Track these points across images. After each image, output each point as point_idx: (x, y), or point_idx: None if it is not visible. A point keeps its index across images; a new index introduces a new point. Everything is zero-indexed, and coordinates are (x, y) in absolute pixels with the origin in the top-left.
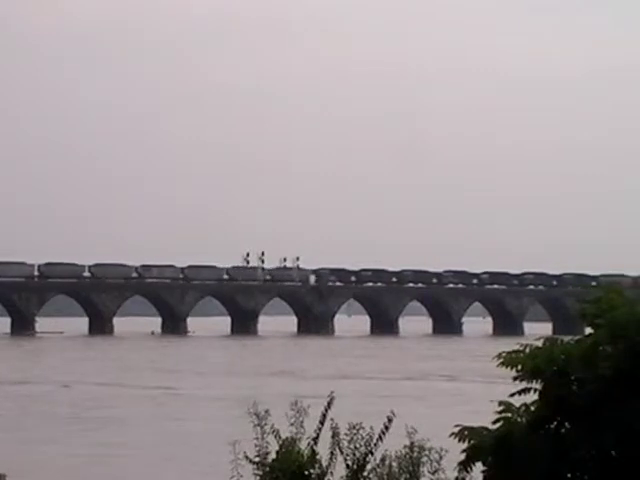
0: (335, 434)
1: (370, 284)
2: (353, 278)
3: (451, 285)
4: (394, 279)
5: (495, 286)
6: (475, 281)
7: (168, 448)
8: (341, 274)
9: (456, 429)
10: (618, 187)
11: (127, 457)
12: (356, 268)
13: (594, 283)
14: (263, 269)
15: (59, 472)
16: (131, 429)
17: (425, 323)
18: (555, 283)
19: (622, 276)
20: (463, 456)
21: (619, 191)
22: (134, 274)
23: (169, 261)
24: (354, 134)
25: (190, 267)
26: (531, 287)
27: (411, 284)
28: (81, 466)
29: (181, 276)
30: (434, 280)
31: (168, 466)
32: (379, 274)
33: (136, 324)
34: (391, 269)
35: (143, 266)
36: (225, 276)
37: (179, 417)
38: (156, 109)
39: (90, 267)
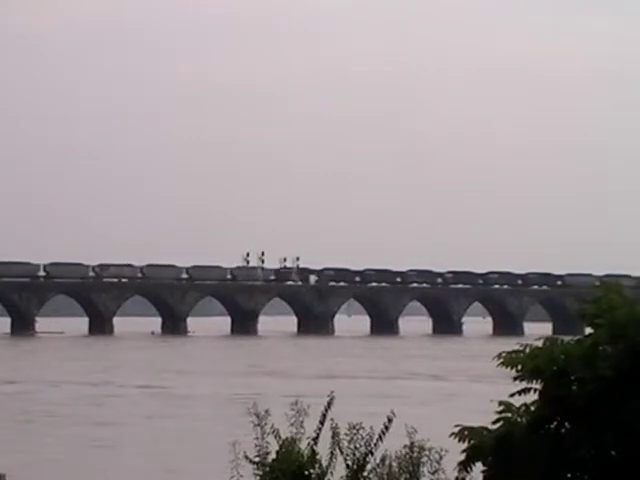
0: (335, 434)
1: (374, 284)
2: (357, 278)
3: (451, 285)
4: (398, 279)
5: (496, 286)
6: (480, 281)
7: (166, 448)
8: (345, 274)
9: (456, 429)
10: (619, 187)
11: (123, 456)
12: (360, 268)
13: (597, 283)
14: (263, 269)
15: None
16: (118, 428)
17: (425, 323)
18: (560, 283)
19: (627, 277)
20: (463, 456)
21: (620, 191)
22: (138, 274)
23: (169, 261)
24: (354, 134)
25: (195, 267)
26: (534, 287)
27: (415, 284)
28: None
29: (185, 276)
30: (439, 280)
31: (168, 466)
32: (383, 274)
33: (136, 324)
34: (395, 269)
35: (149, 266)
36: (229, 276)
37: (176, 415)
38: (156, 109)
39: (94, 267)
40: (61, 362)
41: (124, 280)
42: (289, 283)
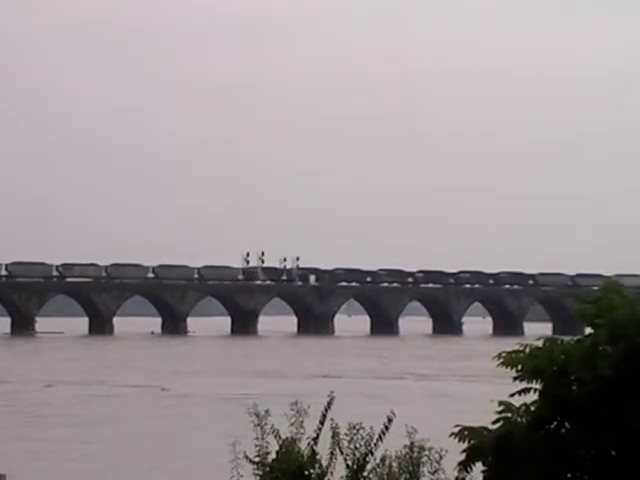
0: (335, 434)
1: (385, 284)
2: (369, 279)
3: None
4: (410, 279)
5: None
6: (491, 281)
7: (165, 448)
8: (357, 274)
9: (456, 429)
10: (619, 187)
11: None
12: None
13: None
14: (263, 269)
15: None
16: (117, 428)
17: (425, 323)
18: (570, 283)
19: (635, 276)
20: (463, 456)
21: (620, 191)
22: (150, 274)
23: (168, 261)
24: (354, 134)
25: (206, 267)
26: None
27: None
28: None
29: (197, 276)
30: (451, 280)
31: (167, 467)
32: (393, 274)
33: (136, 324)
34: (407, 269)
35: (161, 266)
36: (240, 276)
37: (175, 415)
38: (156, 109)
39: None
40: (58, 362)
41: (127, 281)
42: (290, 283)
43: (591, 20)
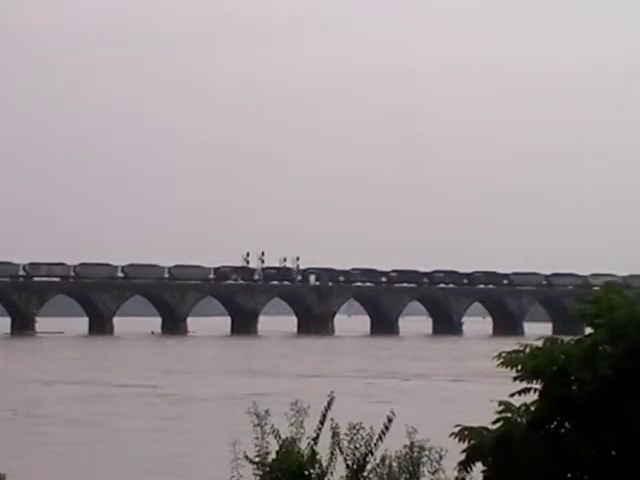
0: (335, 434)
1: (372, 284)
2: (384, 279)
3: (452, 285)
4: (425, 280)
5: (491, 286)
6: (505, 281)
7: (165, 448)
8: (373, 274)
9: (456, 429)
10: (619, 187)
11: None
12: (387, 269)
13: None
14: (263, 269)
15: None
16: (116, 428)
17: (425, 323)
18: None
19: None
20: (463, 456)
21: (620, 191)
22: (166, 274)
23: (168, 261)
24: (354, 134)
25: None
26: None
27: (442, 284)
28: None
29: (213, 277)
30: (465, 281)
31: (167, 466)
32: (407, 275)
33: (136, 324)
34: (423, 270)
35: (176, 266)
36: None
37: (174, 415)
38: (156, 109)
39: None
40: (57, 362)
41: (126, 281)
42: (288, 283)
43: (591, 20)
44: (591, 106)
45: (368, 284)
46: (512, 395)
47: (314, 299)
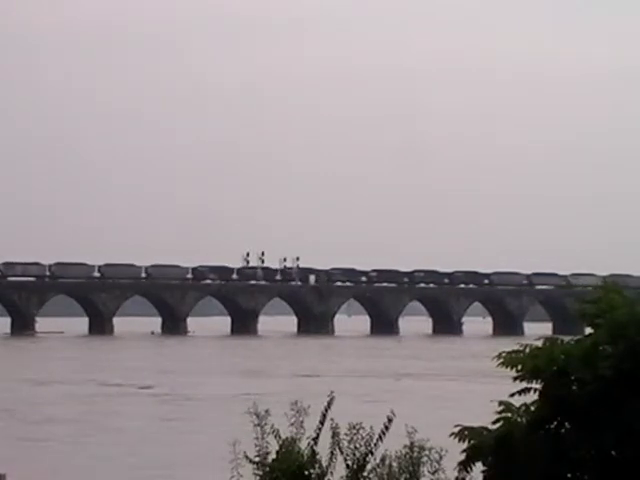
0: (335, 434)
1: (426, 285)
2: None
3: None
4: (446, 280)
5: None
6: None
7: (165, 448)
8: (393, 274)
9: (456, 429)
10: (619, 187)
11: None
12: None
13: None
14: (263, 269)
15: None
16: (115, 428)
17: (425, 323)
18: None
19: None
20: (463, 456)
21: (621, 191)
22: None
23: (167, 261)
24: (354, 134)
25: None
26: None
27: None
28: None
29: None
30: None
31: (167, 466)
32: (432, 275)
33: (136, 324)
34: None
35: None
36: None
37: (174, 415)
38: (156, 109)
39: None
40: (56, 362)
41: (127, 280)
42: (290, 283)
43: (591, 20)
44: (591, 106)
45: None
46: (512, 395)
47: (314, 299)
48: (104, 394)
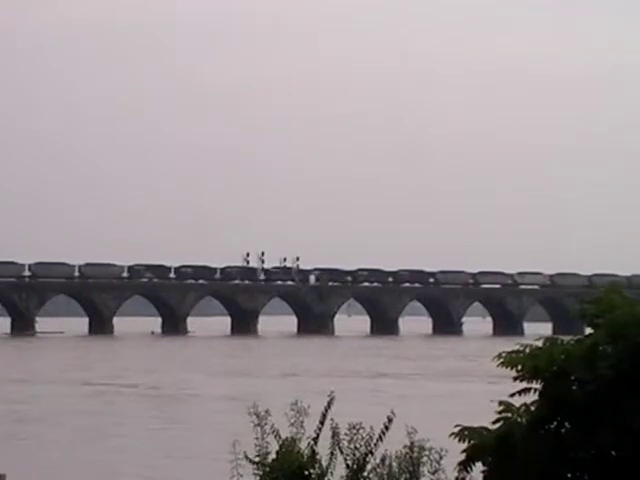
0: (335, 434)
1: (375, 284)
2: (390, 279)
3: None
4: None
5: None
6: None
7: (164, 448)
8: (415, 275)
9: (456, 429)
10: (619, 188)
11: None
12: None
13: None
14: (263, 269)
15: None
16: (114, 428)
17: (425, 323)
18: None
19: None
20: (463, 456)
21: (621, 192)
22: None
23: (166, 261)
24: (354, 134)
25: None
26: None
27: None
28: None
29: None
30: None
31: (167, 466)
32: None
33: (136, 324)
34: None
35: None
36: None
37: (174, 415)
38: (156, 109)
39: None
40: (56, 361)
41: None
42: (290, 283)
43: (591, 20)
44: (591, 106)
45: (369, 284)
46: (512, 395)
47: (314, 299)
48: (102, 394)
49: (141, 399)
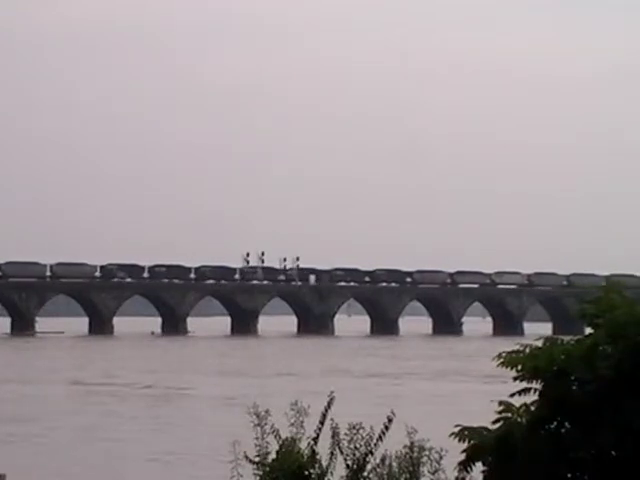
0: (335, 434)
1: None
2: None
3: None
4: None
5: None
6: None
7: (164, 448)
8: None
9: (456, 429)
10: (620, 187)
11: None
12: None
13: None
14: (263, 269)
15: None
16: (115, 428)
17: (425, 323)
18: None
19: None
20: (463, 456)
21: (621, 192)
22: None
23: (167, 261)
24: (354, 134)
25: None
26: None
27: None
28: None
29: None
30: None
31: (167, 466)
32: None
33: (136, 324)
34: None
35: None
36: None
37: (174, 415)
38: (156, 109)
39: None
40: (56, 360)
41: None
42: (290, 283)
43: (592, 20)
44: (592, 106)
45: (369, 284)
46: (512, 395)
47: (314, 299)
48: (101, 394)
49: (140, 399)
